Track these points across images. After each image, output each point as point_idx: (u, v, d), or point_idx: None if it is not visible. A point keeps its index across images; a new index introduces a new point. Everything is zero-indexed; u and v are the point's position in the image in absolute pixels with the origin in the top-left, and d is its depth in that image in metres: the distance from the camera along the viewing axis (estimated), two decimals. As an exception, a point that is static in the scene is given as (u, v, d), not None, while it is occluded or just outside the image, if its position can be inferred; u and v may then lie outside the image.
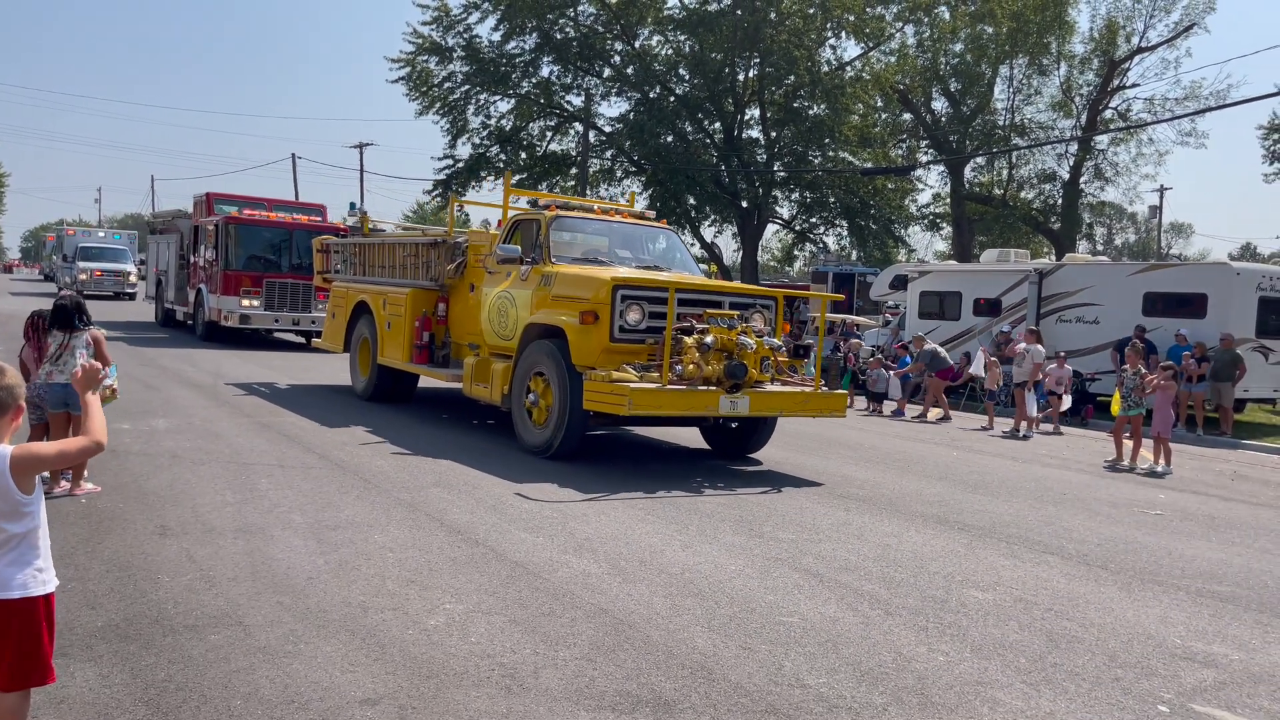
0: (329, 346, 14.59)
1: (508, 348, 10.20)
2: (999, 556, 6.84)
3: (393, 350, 12.17)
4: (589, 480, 8.41)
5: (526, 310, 9.86)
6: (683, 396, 8.53)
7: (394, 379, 12.66)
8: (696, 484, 8.73)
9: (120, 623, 4.44)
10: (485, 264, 10.91)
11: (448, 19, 33.69)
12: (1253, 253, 74.14)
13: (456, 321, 11.73)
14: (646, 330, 9.09)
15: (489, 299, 10.62)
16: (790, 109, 33.30)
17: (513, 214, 11.29)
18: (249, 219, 20.50)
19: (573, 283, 9.46)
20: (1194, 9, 33.32)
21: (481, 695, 3.92)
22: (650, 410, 8.44)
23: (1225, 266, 18.16)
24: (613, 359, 8.88)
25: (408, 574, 5.42)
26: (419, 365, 11.72)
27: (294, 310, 20.17)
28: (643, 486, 8.37)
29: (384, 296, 12.58)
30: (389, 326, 12.28)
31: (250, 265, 20.00)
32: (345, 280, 14.33)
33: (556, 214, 10.49)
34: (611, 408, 8.42)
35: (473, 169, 35.29)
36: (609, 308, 8.91)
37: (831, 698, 4.12)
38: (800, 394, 9.32)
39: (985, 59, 35.42)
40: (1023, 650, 4.87)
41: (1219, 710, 4.30)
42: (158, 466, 7.84)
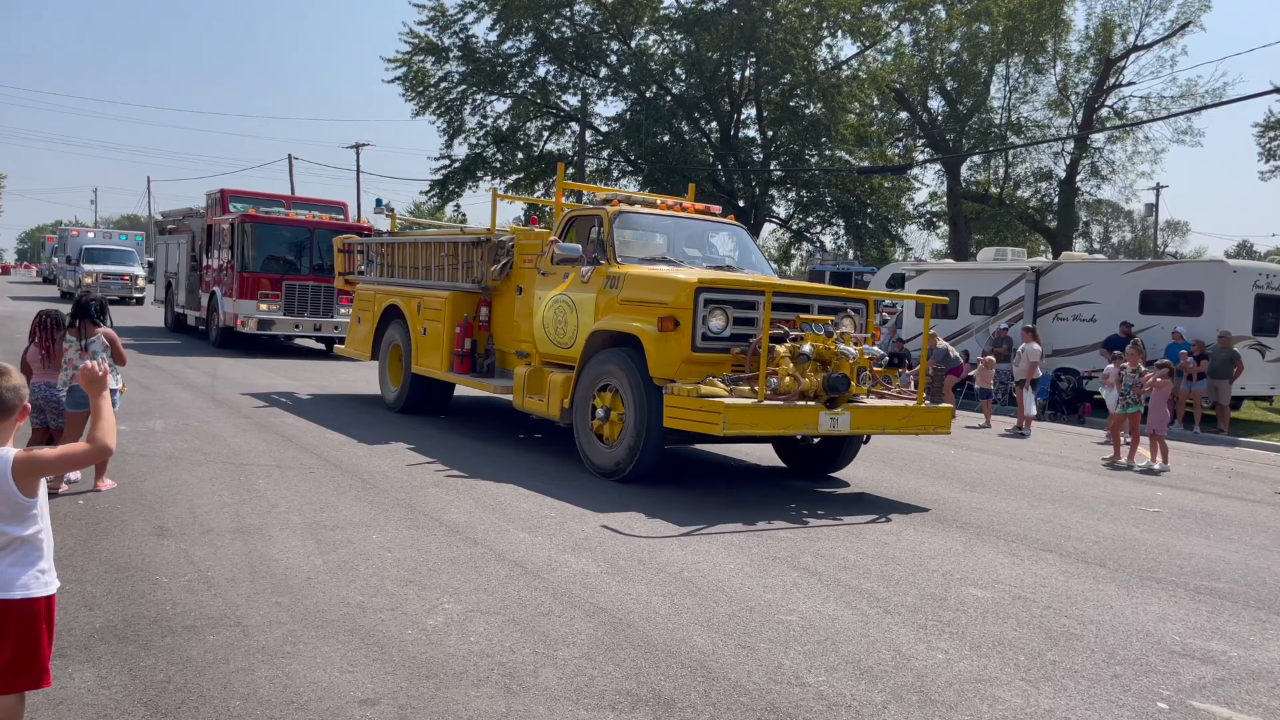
0: (354, 354, 13.56)
1: (566, 357, 9.31)
2: (997, 554, 6.85)
3: (429, 358, 11.31)
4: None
5: (590, 316, 8.96)
6: (780, 413, 7.63)
7: (428, 389, 11.82)
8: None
9: (119, 624, 4.44)
10: (537, 265, 9.97)
11: (444, 19, 33.71)
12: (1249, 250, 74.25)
13: (501, 327, 10.87)
14: (731, 338, 8.20)
15: (543, 303, 9.67)
16: (787, 108, 33.33)
17: (567, 210, 10.28)
18: (267, 217, 19.11)
19: (647, 285, 8.56)
20: (1190, 7, 33.42)
21: (481, 695, 3.92)
22: (745, 430, 7.51)
23: (1222, 264, 18.19)
24: (693, 370, 8.03)
25: (406, 574, 5.42)
26: (460, 375, 10.88)
27: (315, 315, 18.78)
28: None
29: (419, 300, 11.66)
30: (425, 332, 11.41)
31: (268, 267, 18.64)
32: (372, 282, 13.36)
33: (620, 209, 9.54)
34: (701, 426, 7.56)
35: (469, 169, 35.30)
36: (691, 313, 8.03)
37: (831, 696, 4.13)
38: (903, 409, 8.38)
39: (981, 58, 35.46)
40: (1021, 648, 4.87)
41: (1218, 707, 4.31)
42: (155, 467, 7.83)
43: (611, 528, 6.68)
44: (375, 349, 12.82)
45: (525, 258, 10.38)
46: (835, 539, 6.94)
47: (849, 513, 7.90)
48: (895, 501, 8.57)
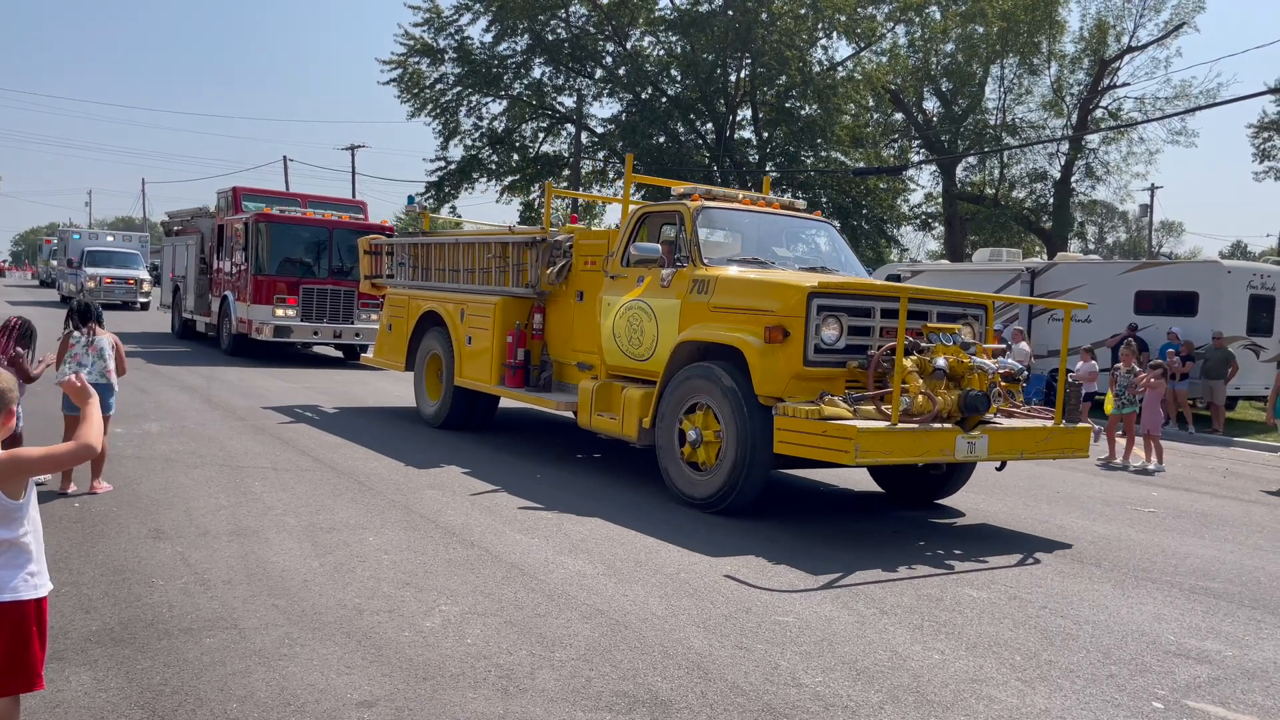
0: (384, 364, 12.53)
1: (642, 370, 8.44)
2: (993, 554, 6.86)
3: (476, 369, 10.37)
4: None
5: (672, 325, 8.03)
6: (916, 438, 6.70)
7: (471, 403, 10.86)
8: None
9: (115, 626, 4.43)
10: (604, 267, 9.01)
11: (439, 20, 33.69)
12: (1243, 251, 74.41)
13: (557, 336, 9.94)
14: (845, 350, 7.28)
15: (613, 310, 8.70)
16: (782, 109, 33.38)
17: (638, 207, 9.18)
18: (284, 217, 17.91)
19: (748, 290, 7.60)
20: (1183, 8, 33.53)
21: (478, 696, 3.92)
22: (878, 458, 6.63)
23: (1216, 265, 18.23)
24: (803, 387, 7.14)
25: (403, 576, 5.42)
26: (512, 389, 9.94)
27: (334, 321, 17.65)
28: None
29: (462, 306, 10.74)
30: (470, 341, 10.47)
31: (285, 269, 17.49)
32: (404, 286, 12.33)
33: (702, 204, 8.58)
34: (825, 453, 6.66)
35: (465, 171, 35.30)
36: (803, 322, 7.08)
37: (828, 696, 4.13)
38: (1040, 430, 7.42)
39: (976, 59, 35.53)
40: (1017, 648, 4.88)
41: (1213, 706, 4.32)
42: (151, 470, 7.82)
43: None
44: (410, 359, 11.83)
45: (587, 260, 9.48)
46: (831, 539, 6.93)
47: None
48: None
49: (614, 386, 8.60)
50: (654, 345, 8.26)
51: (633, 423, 8.22)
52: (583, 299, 9.45)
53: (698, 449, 7.60)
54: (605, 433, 8.70)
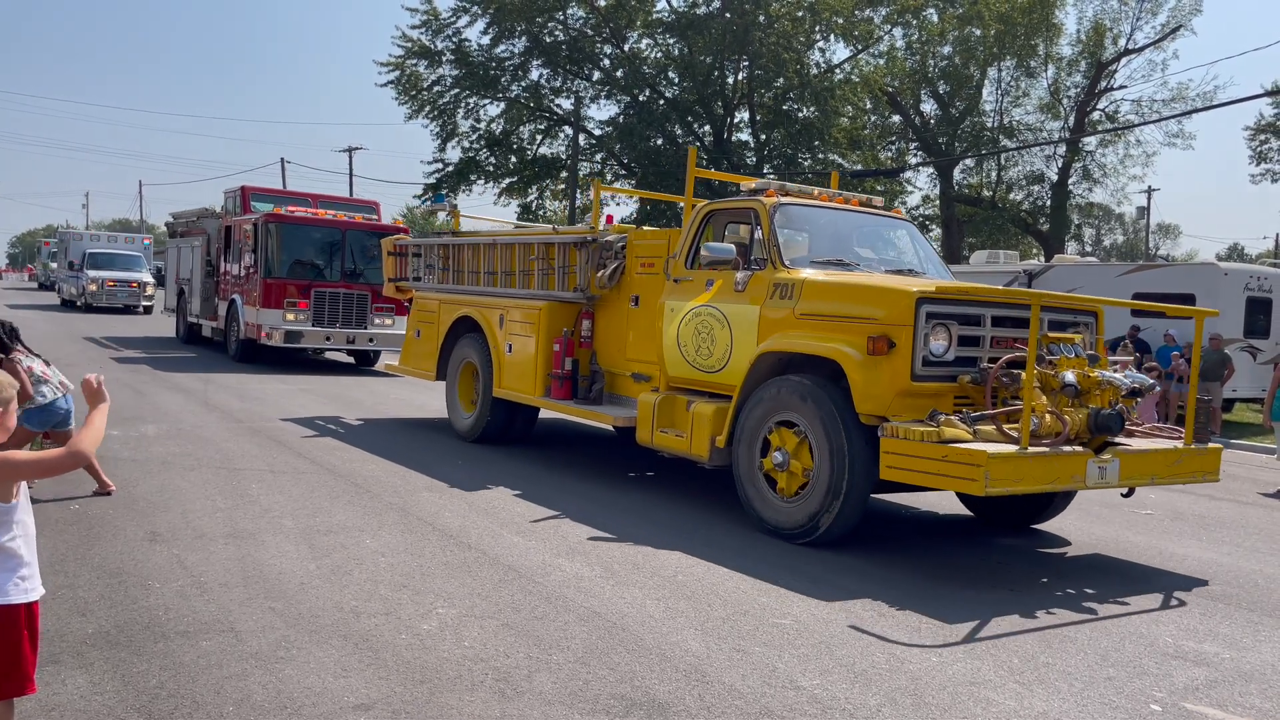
0: (412, 372, 11.73)
1: (712, 383, 7.73)
2: (991, 558, 6.86)
3: (517, 379, 9.67)
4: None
5: (750, 333, 7.31)
6: (1047, 464, 5.95)
7: (510, 415, 10.17)
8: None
9: (111, 629, 4.42)
10: (667, 270, 8.30)
11: (437, 22, 33.70)
12: (1240, 253, 74.55)
13: (608, 344, 9.22)
14: (954, 363, 6.56)
15: (677, 317, 7.98)
16: (780, 111, 33.40)
17: (702, 204, 8.36)
18: (294, 217, 17.17)
19: (844, 295, 6.87)
20: (1180, 11, 33.59)
21: (475, 699, 3.92)
22: (1009, 486, 5.83)
23: (1213, 267, 18.26)
24: (910, 404, 6.39)
25: (400, 578, 5.41)
26: (559, 400, 9.18)
27: (347, 325, 16.89)
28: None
29: (502, 311, 10.01)
30: (510, 350, 9.79)
31: (295, 272, 16.78)
32: (434, 290, 11.61)
33: (779, 200, 7.79)
34: (948, 481, 5.91)
35: (462, 173, 35.30)
36: (910, 331, 6.34)
37: (825, 699, 4.13)
38: (1170, 452, 6.62)
39: (973, 61, 35.57)
40: (1015, 650, 4.88)
41: (1211, 709, 4.32)
42: (147, 472, 7.81)
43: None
44: (441, 368, 11.11)
45: (643, 262, 8.80)
46: (828, 542, 6.93)
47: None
48: (914, 498, 8.56)
49: (678, 400, 7.94)
50: (727, 356, 7.54)
51: (703, 441, 7.50)
52: (638, 304, 8.76)
53: (783, 472, 6.87)
54: (669, 451, 7.96)
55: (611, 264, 8.97)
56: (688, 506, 7.90)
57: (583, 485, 8.45)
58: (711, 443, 7.43)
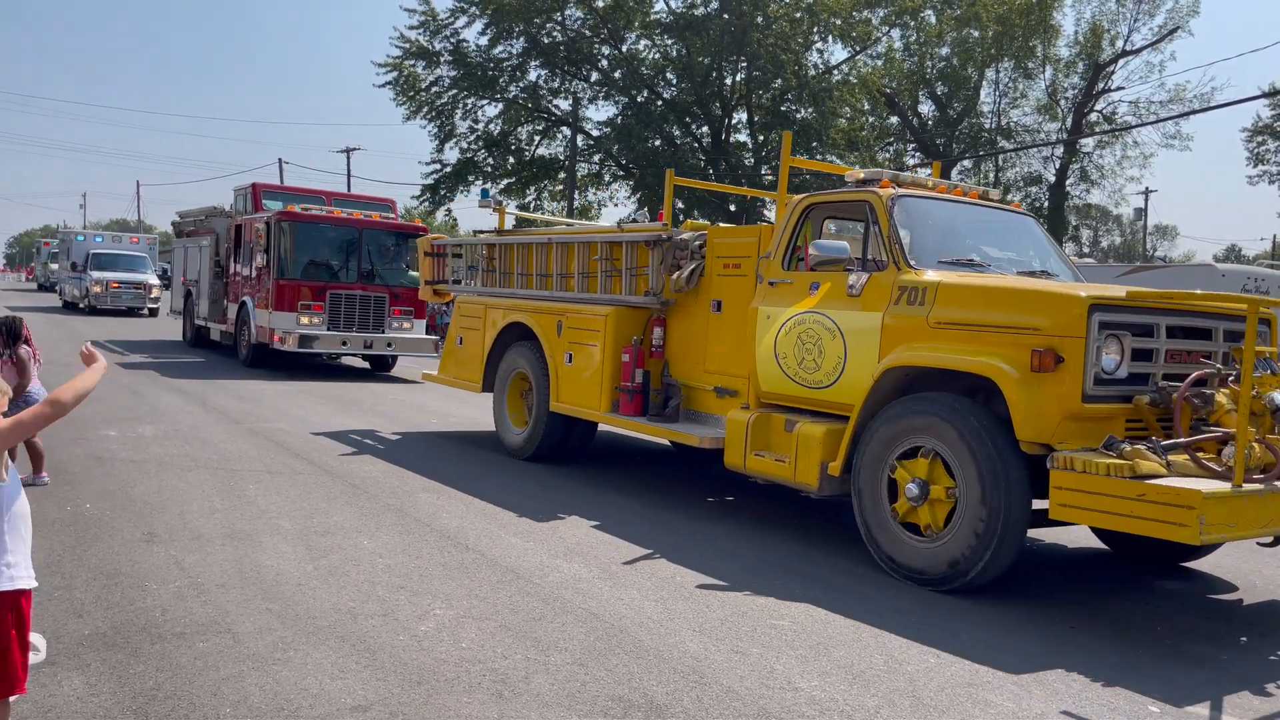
0: (455, 382, 10.89)
1: (820, 400, 6.82)
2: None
3: (579, 393, 8.79)
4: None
5: (869, 344, 6.40)
6: (1262, 505, 5.02)
7: (567, 431, 9.28)
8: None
9: (108, 631, 4.41)
10: (760, 271, 7.45)
11: (435, 23, 33.71)
12: (1237, 254, 74.64)
13: (684, 354, 8.31)
14: (1127, 380, 5.65)
15: (775, 325, 7.08)
16: (778, 112, 33.43)
17: (799, 198, 7.44)
18: (309, 216, 16.33)
19: (995, 301, 5.93)
20: (1178, 12, 33.69)
21: (473, 701, 3.91)
22: (1223, 533, 4.97)
23: (1210, 268, 18.28)
24: (1079, 430, 5.53)
25: (398, 580, 5.40)
26: (629, 417, 8.29)
27: (364, 329, 16.04)
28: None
29: (560, 317, 9.14)
30: (570, 360, 8.91)
31: (310, 273, 15.98)
32: (478, 293, 10.72)
33: (895, 191, 6.88)
34: (1149, 526, 4.95)
35: (460, 174, 35.30)
36: (1082, 344, 5.45)
37: (823, 700, 4.12)
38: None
39: (971, 62, 35.63)
40: (1013, 652, 4.88)
41: (1209, 710, 4.32)
42: (145, 473, 7.79)
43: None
44: (488, 378, 10.23)
45: (725, 262, 7.96)
46: (827, 543, 6.92)
47: None
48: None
49: (775, 419, 7.02)
50: (838, 369, 6.63)
51: (811, 467, 6.55)
52: (721, 309, 7.91)
53: (919, 507, 5.91)
54: (766, 477, 7.00)
55: (689, 265, 8.13)
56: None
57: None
58: (822, 470, 6.47)
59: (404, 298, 16.28)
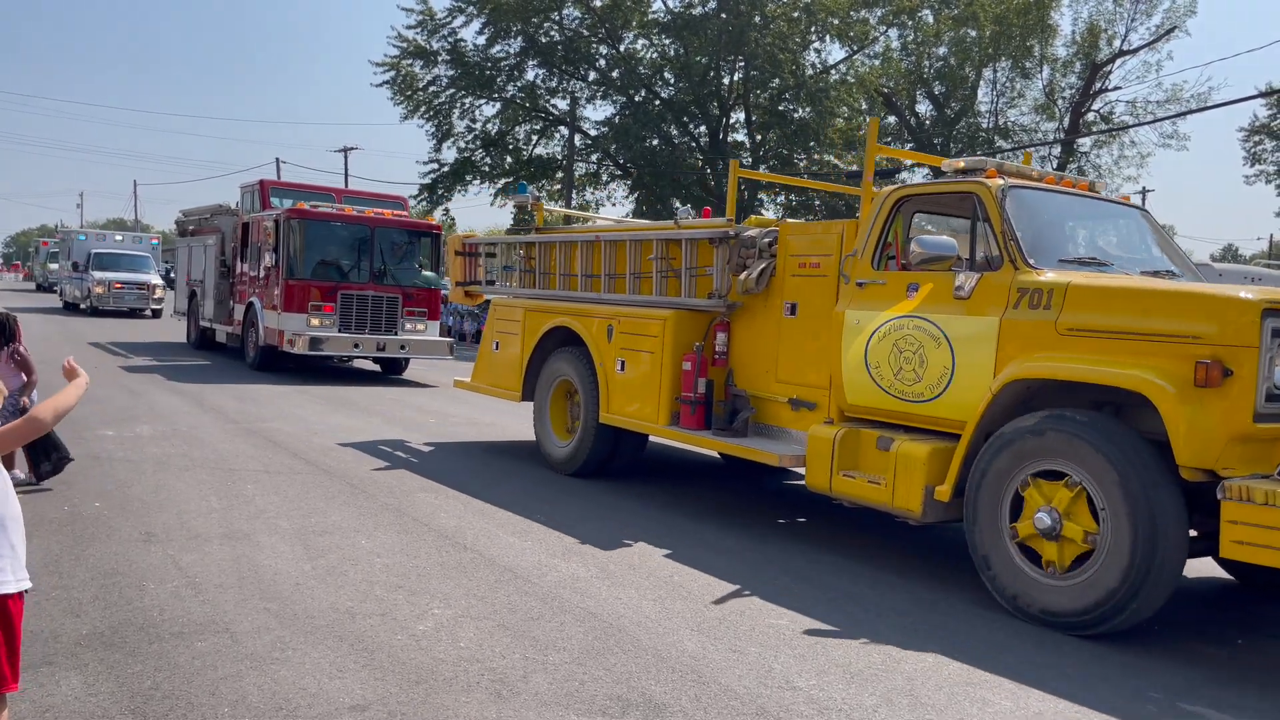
0: (491, 390, 10.15)
1: (920, 415, 6.12)
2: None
3: (632, 403, 8.14)
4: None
5: (984, 352, 5.71)
6: None
7: (616, 443, 8.63)
8: None
9: (105, 630, 4.41)
10: (845, 271, 6.75)
11: (432, 23, 33.67)
12: (1234, 254, 74.73)
13: (752, 361, 7.61)
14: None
15: (865, 330, 6.41)
16: (775, 112, 33.42)
17: (888, 189, 6.71)
18: (320, 213, 15.70)
19: (1141, 305, 5.28)
20: (1175, 12, 33.69)
21: (471, 700, 3.91)
22: None
23: (1208, 267, 18.24)
24: (1243, 454, 4.92)
25: (395, 579, 5.40)
26: (690, 431, 7.63)
27: (377, 331, 15.52)
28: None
29: (610, 321, 8.49)
30: (622, 367, 8.27)
31: (320, 273, 15.42)
32: (518, 295, 10.06)
33: (1004, 181, 6.13)
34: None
35: (458, 173, 35.27)
36: (1255, 354, 4.84)
37: (821, 699, 4.13)
38: None
39: (969, 62, 35.64)
40: (1011, 650, 4.88)
41: (1206, 709, 4.32)
42: (142, 473, 7.79)
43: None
44: (528, 386, 9.56)
45: (800, 261, 7.26)
46: (824, 543, 6.92)
47: None
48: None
49: (866, 436, 6.34)
50: (943, 381, 5.94)
51: (913, 491, 5.86)
52: (795, 313, 7.23)
53: (1051, 539, 5.26)
54: (857, 500, 6.33)
55: (757, 264, 7.41)
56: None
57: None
58: (927, 494, 5.80)
59: (417, 298, 15.91)
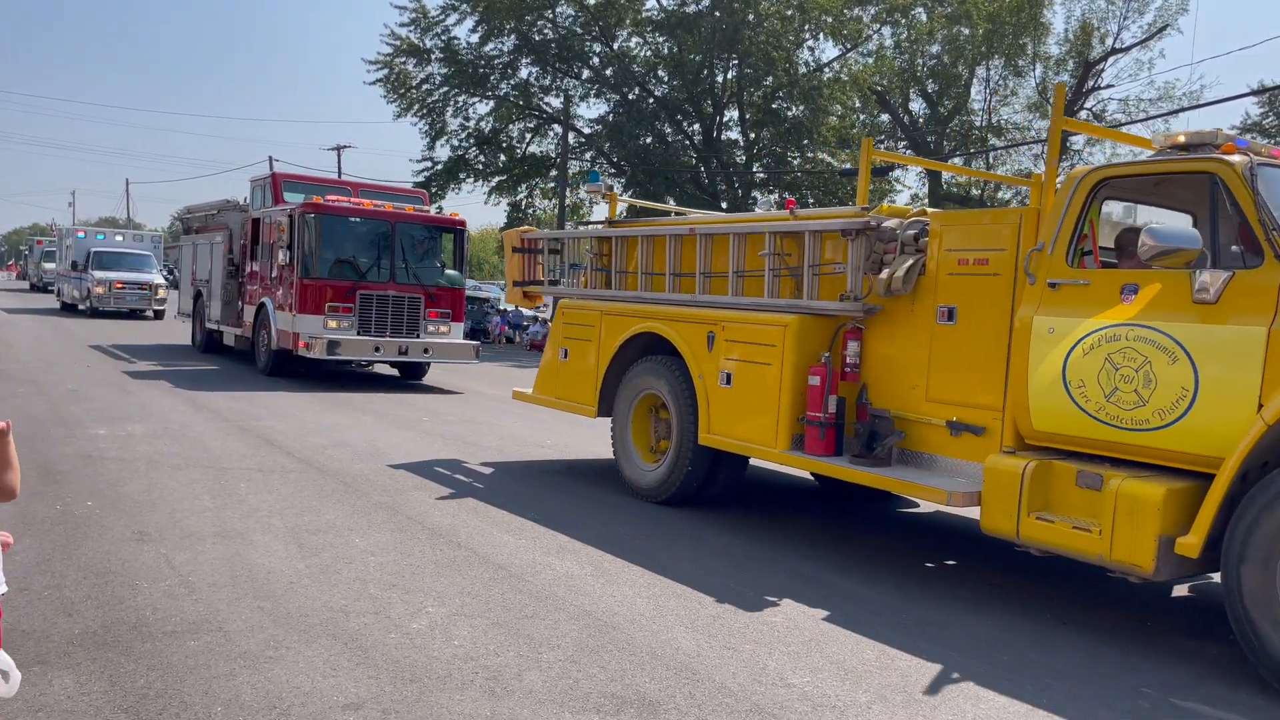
0: (558, 404, 9.02)
1: (1141, 447, 5.08)
2: (977, 554, 6.87)
3: (743, 423, 7.04)
4: None
5: (1244, 369, 4.69)
6: None
7: (713, 467, 7.59)
8: None
9: (98, 630, 4.39)
10: (1029, 268, 5.63)
11: (425, 20, 33.64)
12: (1226, 252, 74.98)
13: (892, 375, 6.51)
14: None
15: (1066, 340, 5.36)
16: (769, 110, 33.45)
17: (1083, 171, 5.64)
18: (338, 207, 14.69)
19: None
20: (1167, 10, 33.77)
21: (465, 699, 3.90)
22: None
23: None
24: None
25: (389, 577, 5.39)
26: (819, 457, 6.49)
27: (398, 334, 14.62)
28: None
29: (712, 327, 7.37)
30: (728, 380, 7.15)
31: (338, 271, 14.49)
32: (590, 296, 8.97)
33: (1253, 159, 5.05)
34: None
35: (451, 171, 35.24)
36: None
37: (815, 696, 4.13)
38: None
39: (962, 60, 35.69)
40: (1005, 647, 4.89)
41: (1200, 705, 4.34)
42: (134, 472, 7.76)
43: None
44: (605, 400, 8.48)
45: (961, 256, 6.17)
46: (817, 540, 6.91)
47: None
48: (878, 497, 8.55)
49: (1061, 470, 5.28)
50: (1182, 405, 4.90)
51: (1142, 542, 4.82)
52: (954, 319, 6.14)
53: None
54: (1055, 549, 5.24)
55: (901, 260, 6.35)
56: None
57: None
58: (1162, 547, 4.76)
59: (440, 298, 15.08)
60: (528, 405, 9.39)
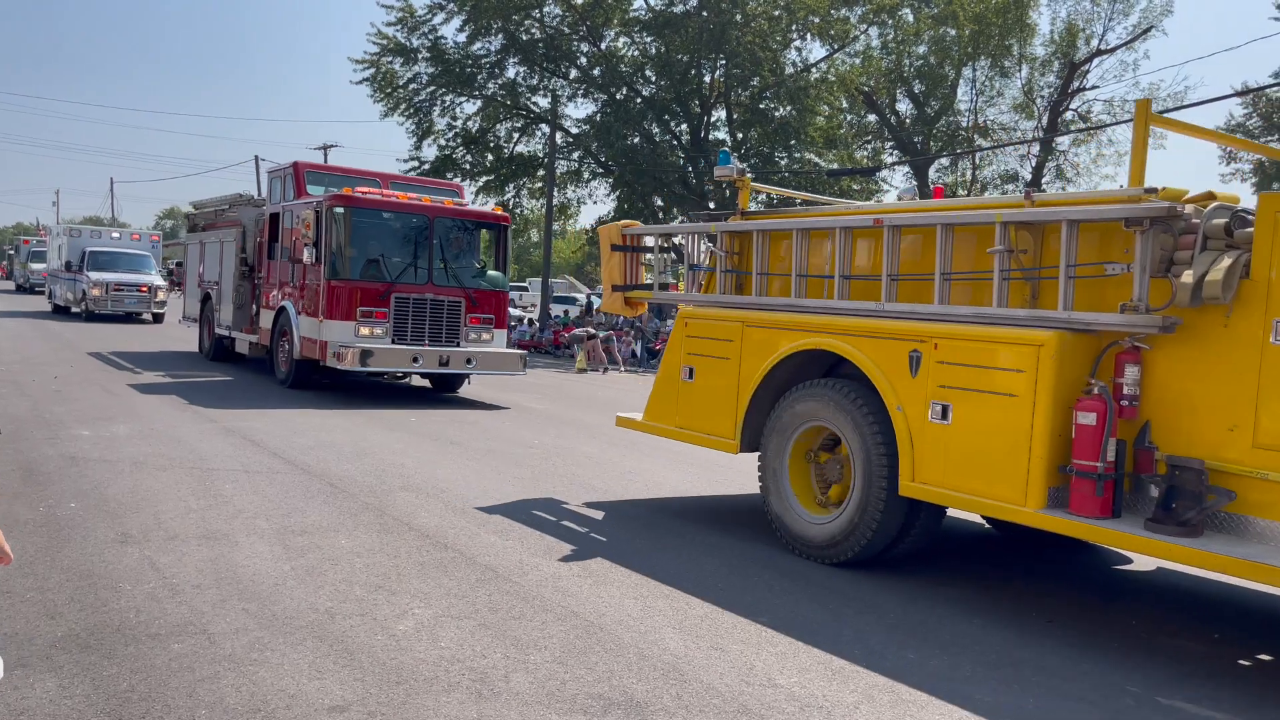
0: (683, 434, 7.46)
1: None
2: (969, 553, 6.89)
3: (967, 470, 5.48)
4: None
5: None
6: None
7: (908, 521, 6.07)
8: None
9: (81, 632, 4.36)
10: None
11: (412, 20, 33.55)
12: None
13: (1192, 411, 5.01)
14: None
15: None
16: (756, 110, 33.50)
17: None
18: (370, 200, 13.18)
19: None
20: (1151, 12, 34.01)
21: (452, 700, 3.89)
22: None
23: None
24: None
25: (375, 579, 5.37)
26: (1091, 520, 4.96)
27: (437, 342, 13.13)
28: None
29: (919, 345, 5.77)
30: (944, 415, 5.60)
31: (369, 272, 12.99)
32: (718, 304, 7.45)
33: None
34: None
35: (439, 171, 35.14)
36: None
37: (803, 696, 4.13)
38: None
39: (948, 61, 35.86)
40: (991, 646, 4.90)
41: (1184, 703, 4.36)
42: (119, 473, 7.71)
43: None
44: (750, 433, 6.94)
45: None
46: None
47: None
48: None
49: None
50: None
51: None
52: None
53: None
54: None
55: (1218, 260, 4.80)
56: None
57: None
58: None
59: (482, 303, 13.64)
60: (629, 431, 8.01)
